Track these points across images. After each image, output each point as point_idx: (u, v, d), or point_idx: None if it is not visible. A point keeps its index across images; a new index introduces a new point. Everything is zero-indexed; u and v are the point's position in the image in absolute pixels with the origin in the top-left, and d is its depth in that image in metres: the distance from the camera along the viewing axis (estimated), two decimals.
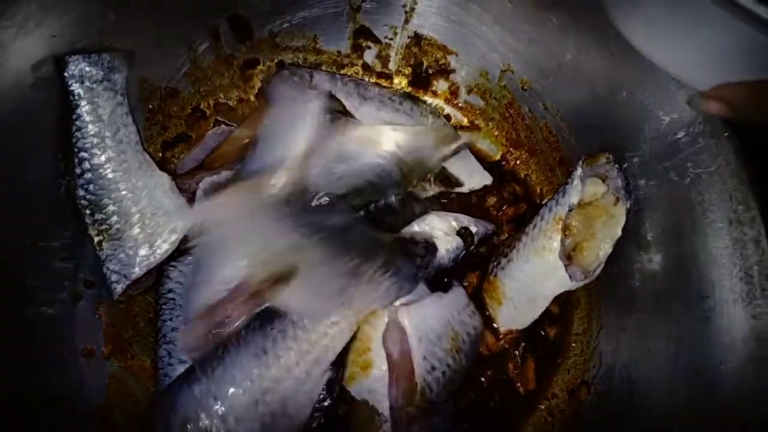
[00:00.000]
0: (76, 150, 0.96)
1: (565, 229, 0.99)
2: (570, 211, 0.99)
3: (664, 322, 0.93)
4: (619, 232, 0.98)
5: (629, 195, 0.99)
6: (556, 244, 0.99)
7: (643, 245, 0.99)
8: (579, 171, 0.99)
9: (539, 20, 1.05)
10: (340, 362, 0.93)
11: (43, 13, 0.88)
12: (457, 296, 0.99)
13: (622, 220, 0.99)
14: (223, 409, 0.84)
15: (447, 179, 1.06)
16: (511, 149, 1.23)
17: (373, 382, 0.92)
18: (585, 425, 0.97)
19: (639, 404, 0.92)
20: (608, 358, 1.00)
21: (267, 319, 0.90)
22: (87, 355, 0.98)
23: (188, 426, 0.83)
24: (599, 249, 0.99)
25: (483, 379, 1.04)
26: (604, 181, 1.01)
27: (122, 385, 1.00)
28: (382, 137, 0.99)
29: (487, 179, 1.15)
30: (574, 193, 0.99)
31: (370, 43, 1.20)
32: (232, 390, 0.85)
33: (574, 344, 1.07)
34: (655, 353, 0.93)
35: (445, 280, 1.05)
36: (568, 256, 0.99)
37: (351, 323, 0.92)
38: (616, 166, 1.00)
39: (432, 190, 1.06)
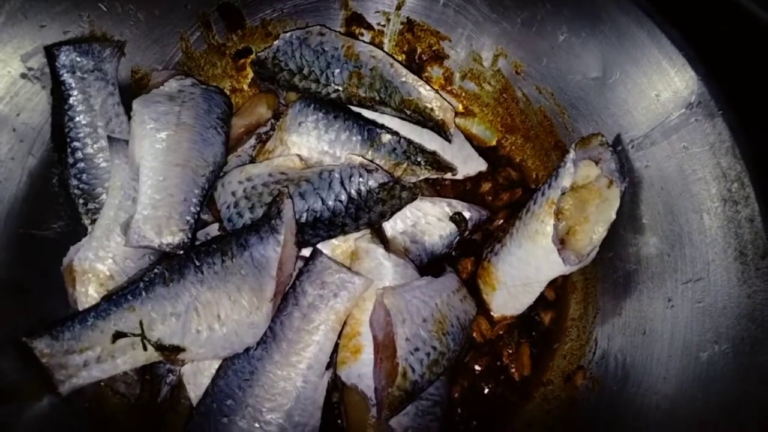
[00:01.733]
0: (68, 140, 0.97)
1: (558, 213, 0.98)
2: (563, 194, 0.97)
3: (659, 305, 0.91)
4: (614, 216, 0.97)
5: (623, 177, 0.98)
6: (549, 228, 0.97)
7: (638, 228, 0.98)
8: (572, 154, 0.97)
9: (531, 2, 1.04)
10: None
11: (31, 3, 0.90)
12: (448, 281, 0.98)
13: (616, 203, 0.97)
14: None
15: (438, 164, 1.05)
16: (506, 134, 1.21)
17: (363, 366, 0.92)
18: (580, 410, 0.95)
19: (634, 388, 0.91)
20: (604, 343, 0.98)
21: None
22: None
23: None
24: (593, 232, 0.98)
25: (477, 366, 1.03)
26: (597, 163, 0.99)
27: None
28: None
29: (482, 165, 1.14)
30: (566, 177, 0.97)
31: (362, 30, 1.19)
32: (231, 420, 0.87)
33: (570, 329, 1.06)
34: (651, 336, 0.91)
35: (439, 266, 1.04)
36: (561, 240, 0.98)
37: (333, 324, 0.92)
38: (610, 148, 0.98)
39: (422, 175, 1.05)
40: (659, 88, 0.92)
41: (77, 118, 0.97)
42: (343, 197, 0.95)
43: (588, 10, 0.98)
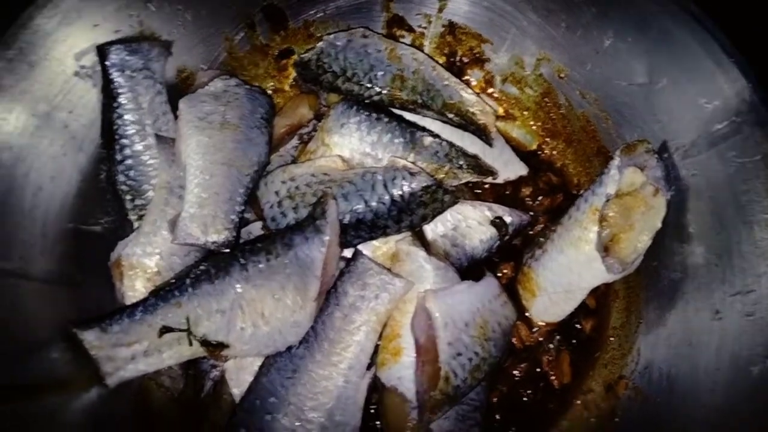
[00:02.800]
0: (117, 137, 0.99)
1: (602, 219, 0.97)
2: (607, 201, 0.96)
3: (706, 316, 0.90)
4: (659, 224, 0.95)
5: (669, 185, 0.96)
6: (592, 235, 0.96)
7: (684, 237, 0.96)
8: (616, 160, 0.96)
9: (576, 6, 1.03)
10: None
11: (85, 3, 0.92)
12: (489, 285, 0.97)
13: (662, 212, 0.96)
14: None
15: (480, 168, 1.05)
16: (547, 139, 1.21)
17: (403, 369, 0.92)
18: (623, 421, 0.94)
19: (679, 400, 0.89)
20: (647, 353, 0.97)
21: None
22: None
23: None
24: (638, 241, 0.96)
25: (516, 372, 1.03)
26: (643, 170, 0.97)
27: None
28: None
29: (522, 169, 1.13)
30: (611, 183, 0.96)
31: (404, 32, 1.19)
32: (274, 417, 0.88)
33: (611, 338, 1.04)
34: (697, 348, 0.89)
35: (478, 270, 1.04)
36: (605, 248, 0.97)
37: (374, 325, 0.92)
38: (656, 155, 0.97)
39: (463, 178, 1.04)
40: (708, 96, 0.91)
41: (126, 116, 0.99)
42: (386, 199, 0.95)
43: (635, 15, 0.97)
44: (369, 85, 1.04)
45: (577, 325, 1.07)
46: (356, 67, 1.04)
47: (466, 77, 1.22)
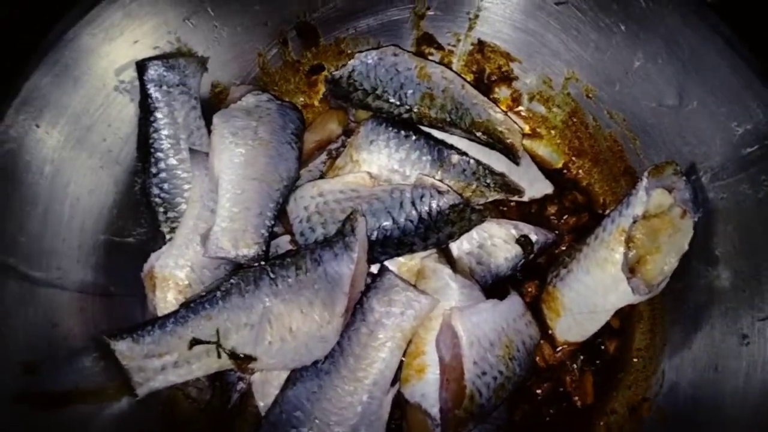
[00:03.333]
0: (152, 150, 1.02)
1: (629, 241, 0.97)
2: (634, 222, 0.96)
3: (733, 342, 0.89)
4: (686, 246, 0.95)
5: (697, 208, 0.96)
6: (618, 256, 0.96)
7: (711, 260, 0.96)
8: (644, 181, 0.97)
9: (607, 27, 1.03)
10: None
11: (127, 20, 0.95)
12: (514, 304, 0.98)
13: (689, 234, 0.95)
14: None
15: (507, 186, 1.06)
16: (573, 158, 1.21)
17: (427, 386, 0.93)
18: None
19: (704, 426, 0.89)
20: (672, 376, 0.97)
21: None
22: None
23: None
24: (664, 263, 0.97)
25: (539, 391, 1.03)
26: (670, 192, 0.97)
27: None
28: None
29: (548, 188, 1.13)
30: (638, 205, 0.96)
31: (432, 50, 1.21)
32: (300, 430, 0.89)
33: (635, 359, 1.04)
34: (723, 373, 0.89)
35: (503, 288, 1.04)
36: (631, 269, 0.97)
37: (399, 341, 0.93)
38: (684, 177, 0.97)
39: (491, 197, 1.05)
40: (738, 119, 0.91)
41: (161, 130, 1.02)
42: (414, 217, 0.97)
43: (666, 37, 0.97)
44: (399, 103, 1.06)
45: (601, 346, 1.06)
46: (386, 85, 1.06)
47: (494, 95, 1.23)
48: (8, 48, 0.88)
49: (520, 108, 1.23)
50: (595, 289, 0.99)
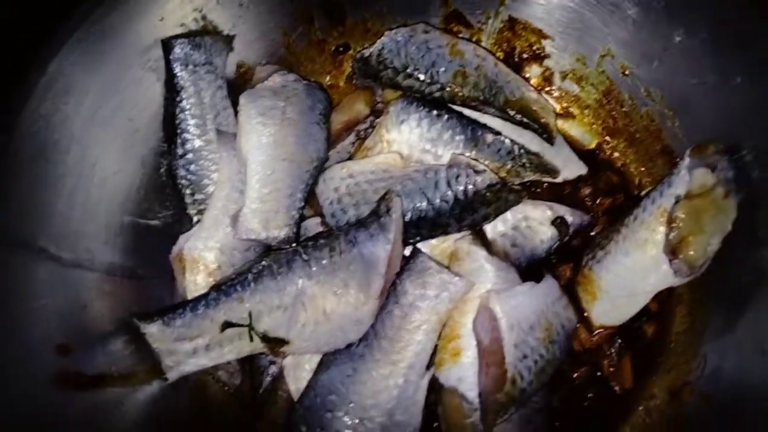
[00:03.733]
0: (179, 131, 1.00)
1: (670, 221, 0.94)
2: (676, 202, 0.93)
3: None
4: (729, 227, 0.92)
5: (741, 188, 0.93)
6: (660, 237, 0.94)
7: (754, 242, 0.92)
8: (687, 161, 0.94)
9: (645, 2, 1.00)
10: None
11: None
12: (551, 287, 0.95)
13: (733, 215, 0.92)
14: None
15: (543, 166, 1.03)
16: (607, 138, 1.18)
17: (463, 370, 0.91)
18: (688, 428, 0.91)
19: (750, 409, 0.86)
20: (715, 360, 0.94)
21: None
22: None
23: None
24: (707, 244, 0.93)
25: (576, 376, 1.01)
26: (713, 172, 0.94)
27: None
28: None
29: (582, 168, 1.10)
30: (680, 184, 0.93)
31: (461, 28, 1.17)
32: (335, 415, 0.87)
33: (674, 343, 1.01)
34: None
35: (537, 270, 1.02)
36: (672, 251, 0.94)
37: (434, 324, 0.91)
38: (727, 156, 0.93)
39: (526, 177, 1.02)
40: None
41: (188, 110, 0.99)
42: (449, 197, 0.94)
43: (708, 11, 0.94)
44: (430, 81, 1.03)
45: (639, 330, 1.04)
46: (418, 63, 1.03)
47: (524, 74, 1.20)
48: (8, 48, 0.86)
49: (552, 87, 1.20)
50: (635, 271, 0.96)
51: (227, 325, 0.87)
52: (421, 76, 1.03)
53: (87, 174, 0.89)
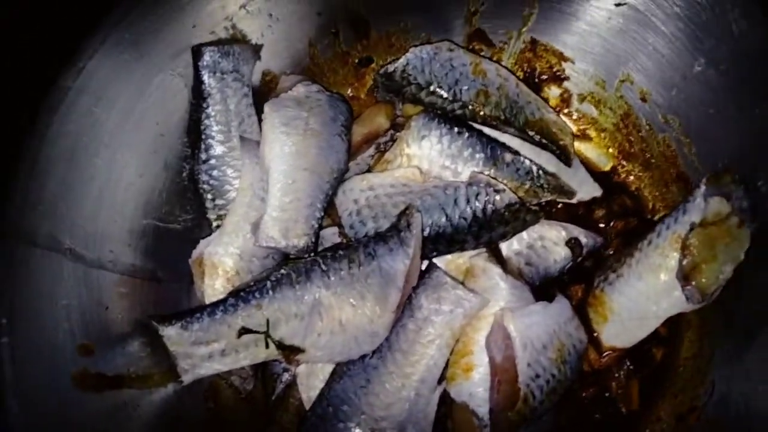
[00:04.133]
0: (203, 137, 1.01)
1: (684, 248, 0.95)
2: (691, 230, 0.95)
3: None
4: (742, 256, 0.93)
5: (756, 218, 0.94)
6: (673, 263, 0.95)
7: (766, 272, 0.94)
8: (702, 188, 0.95)
9: (666, 30, 1.01)
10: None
11: (188, 3, 0.94)
12: (563, 307, 0.96)
13: (746, 244, 0.93)
14: None
15: (561, 188, 1.04)
16: (622, 161, 1.19)
17: (474, 386, 0.92)
18: None
19: None
20: (723, 386, 0.95)
21: None
22: None
23: None
24: (719, 272, 0.94)
25: (584, 395, 1.02)
26: (728, 201, 0.96)
27: None
28: None
29: (596, 191, 1.11)
30: (695, 212, 0.95)
31: (483, 47, 1.19)
32: (347, 426, 0.89)
33: (682, 368, 1.02)
34: None
35: (549, 290, 1.03)
36: (684, 277, 0.95)
37: (447, 339, 0.92)
38: (743, 186, 0.95)
39: (543, 198, 1.04)
40: None
41: (213, 117, 1.01)
42: (468, 215, 0.95)
43: (730, 43, 0.95)
44: (452, 99, 1.04)
45: (648, 353, 1.05)
46: (441, 80, 1.05)
47: (543, 94, 1.21)
48: (43, 51, 0.87)
49: (570, 109, 1.21)
50: (648, 295, 0.97)
51: (244, 331, 0.88)
52: (444, 94, 1.05)
53: (115, 177, 0.90)
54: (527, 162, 1.04)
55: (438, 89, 1.05)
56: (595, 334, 1.04)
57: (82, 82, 0.85)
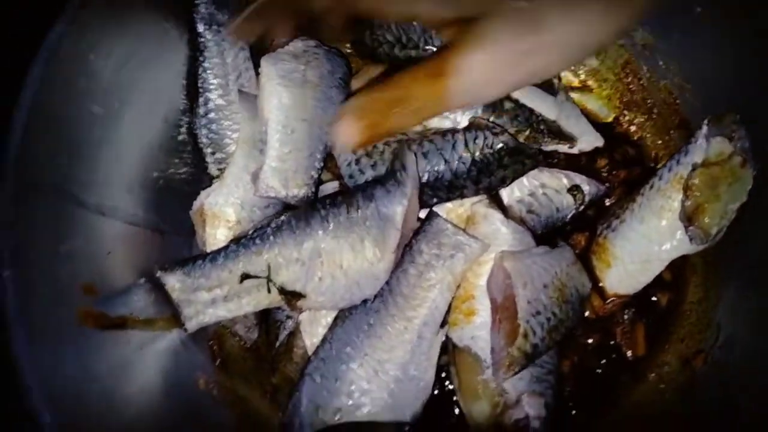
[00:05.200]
0: (201, 90, 1.01)
1: (687, 189, 0.94)
2: (693, 170, 0.94)
3: None
4: (746, 197, 0.92)
5: (757, 159, 0.93)
6: (676, 204, 0.94)
7: None
8: (704, 129, 0.94)
9: None
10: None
11: None
12: (565, 252, 0.96)
13: (749, 184, 0.92)
14: (346, 386, 0.88)
15: (561, 133, 1.03)
16: (624, 111, 1.18)
17: (476, 330, 0.92)
18: (700, 395, 0.92)
19: (763, 379, 0.86)
20: (728, 329, 0.94)
21: None
22: None
23: (319, 411, 0.88)
24: (723, 212, 0.93)
25: (589, 341, 1.01)
26: (731, 141, 0.95)
27: None
28: None
29: (598, 140, 1.10)
30: (698, 152, 0.94)
31: None
32: (350, 367, 0.89)
33: (688, 312, 1.02)
34: None
35: (551, 238, 1.02)
36: (688, 218, 0.94)
37: (449, 284, 0.92)
38: (744, 126, 0.94)
39: (543, 143, 1.03)
40: None
41: (210, 70, 1.01)
42: (467, 159, 0.95)
43: None
44: (427, 47, 1.04)
45: (653, 299, 1.04)
46: (410, 31, 1.04)
47: None
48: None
49: None
50: (650, 238, 0.96)
51: (246, 276, 0.88)
52: (416, 44, 1.04)
53: (113, 125, 0.90)
54: (526, 109, 1.03)
55: (409, 41, 1.04)
56: (599, 282, 1.03)
57: (79, 27, 0.83)
